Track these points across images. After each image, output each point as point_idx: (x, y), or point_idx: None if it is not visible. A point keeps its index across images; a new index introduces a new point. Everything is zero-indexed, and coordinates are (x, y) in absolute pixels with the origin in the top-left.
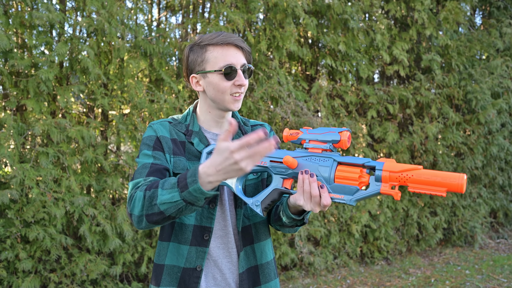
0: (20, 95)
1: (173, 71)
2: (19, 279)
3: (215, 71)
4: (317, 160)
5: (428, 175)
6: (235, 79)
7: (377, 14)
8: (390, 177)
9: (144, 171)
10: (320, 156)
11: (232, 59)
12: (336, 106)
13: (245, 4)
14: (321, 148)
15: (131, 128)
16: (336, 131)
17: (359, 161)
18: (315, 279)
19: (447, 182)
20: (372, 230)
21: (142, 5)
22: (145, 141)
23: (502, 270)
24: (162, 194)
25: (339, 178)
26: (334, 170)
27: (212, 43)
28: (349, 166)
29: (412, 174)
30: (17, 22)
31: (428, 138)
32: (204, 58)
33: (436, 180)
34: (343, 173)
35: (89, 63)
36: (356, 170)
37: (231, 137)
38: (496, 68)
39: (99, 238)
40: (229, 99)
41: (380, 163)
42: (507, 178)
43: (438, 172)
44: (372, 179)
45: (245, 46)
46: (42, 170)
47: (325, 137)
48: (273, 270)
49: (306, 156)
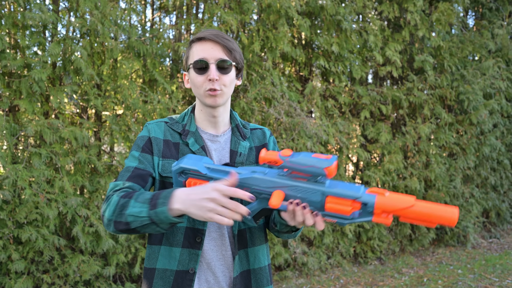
0: (12, 95)
1: (166, 72)
2: (12, 280)
3: (191, 66)
4: (304, 193)
5: (420, 212)
6: (207, 74)
7: (370, 15)
8: (382, 213)
9: (126, 175)
10: (307, 187)
11: (205, 53)
12: (330, 107)
13: (238, 5)
14: (305, 178)
15: (125, 128)
16: (321, 166)
17: (350, 194)
18: (308, 279)
19: (439, 217)
20: (365, 230)
21: (136, 6)
22: (137, 141)
23: (494, 270)
24: (133, 206)
25: (330, 210)
26: (324, 204)
27: (193, 40)
28: (341, 198)
29: (404, 212)
30: (10, 22)
31: (421, 138)
32: (189, 54)
33: (428, 215)
34: (334, 205)
35: (82, 64)
36: (347, 203)
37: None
38: (488, 69)
39: (92, 239)
40: (205, 94)
41: (372, 200)
42: (499, 178)
43: (431, 206)
44: (364, 207)
45: (224, 41)
46: (35, 170)
47: (309, 171)
48: (266, 277)
49: (292, 187)
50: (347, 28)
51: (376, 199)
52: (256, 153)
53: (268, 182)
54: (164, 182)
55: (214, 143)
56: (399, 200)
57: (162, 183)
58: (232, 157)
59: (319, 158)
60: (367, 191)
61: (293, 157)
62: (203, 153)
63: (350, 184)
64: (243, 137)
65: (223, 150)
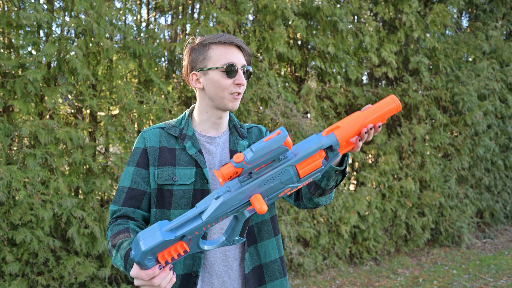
0: (7, 95)
1: (162, 72)
2: (6, 282)
3: (217, 68)
4: (276, 178)
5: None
6: (235, 78)
7: (365, 16)
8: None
9: (121, 196)
10: (276, 172)
11: (233, 58)
12: (325, 108)
13: (234, 6)
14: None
15: (120, 129)
16: (280, 145)
17: (314, 149)
18: (304, 280)
19: (388, 112)
20: (361, 231)
21: (131, 6)
22: (133, 154)
23: (488, 270)
24: (115, 257)
25: (305, 174)
26: (297, 174)
27: (215, 42)
28: (307, 159)
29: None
30: (4, 22)
31: (416, 139)
32: (207, 55)
33: (380, 117)
34: (306, 168)
35: (78, 64)
36: (315, 158)
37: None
38: (483, 70)
39: (88, 240)
40: (228, 97)
41: (334, 139)
42: (493, 179)
43: (376, 108)
44: (330, 149)
45: (247, 48)
46: (30, 171)
47: (271, 156)
48: (278, 269)
49: (261, 182)
50: (343, 29)
51: (336, 137)
52: None
53: (238, 196)
54: (162, 189)
55: (213, 144)
56: (352, 123)
57: (160, 190)
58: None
59: (271, 139)
60: (323, 134)
61: (247, 156)
62: (200, 156)
63: (307, 140)
64: (241, 136)
65: (222, 151)
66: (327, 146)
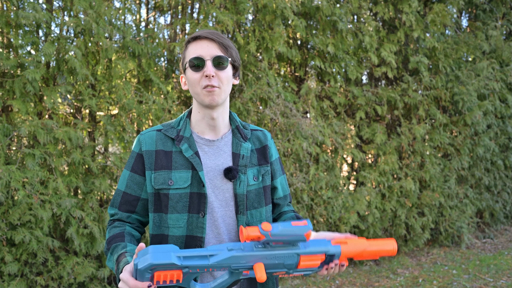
0: (6, 95)
1: (161, 72)
2: (5, 282)
3: (187, 65)
4: (281, 258)
5: (370, 251)
6: (203, 70)
7: (365, 16)
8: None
9: (117, 199)
10: (285, 253)
11: (202, 51)
12: (325, 108)
13: (234, 5)
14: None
15: (119, 129)
16: (301, 233)
17: (321, 250)
18: (304, 280)
19: (384, 252)
20: (360, 231)
21: (131, 5)
22: (130, 158)
23: (488, 270)
24: (109, 259)
25: (303, 267)
26: (298, 263)
27: (189, 40)
28: (312, 255)
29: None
30: (3, 21)
31: (416, 139)
32: (184, 56)
33: (377, 253)
34: (307, 262)
35: (77, 64)
36: (317, 258)
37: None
38: (482, 70)
39: (87, 241)
40: (202, 92)
41: (338, 250)
42: (493, 179)
43: (377, 244)
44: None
45: (220, 39)
46: (29, 171)
47: (291, 240)
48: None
49: (270, 256)
50: (343, 28)
51: (341, 250)
52: (257, 155)
53: (247, 257)
54: (159, 194)
55: (211, 147)
56: (357, 245)
57: (157, 195)
58: (235, 160)
59: (298, 226)
60: (332, 242)
61: (274, 230)
62: (196, 159)
63: (319, 240)
64: (244, 138)
65: (224, 153)
66: (331, 254)
